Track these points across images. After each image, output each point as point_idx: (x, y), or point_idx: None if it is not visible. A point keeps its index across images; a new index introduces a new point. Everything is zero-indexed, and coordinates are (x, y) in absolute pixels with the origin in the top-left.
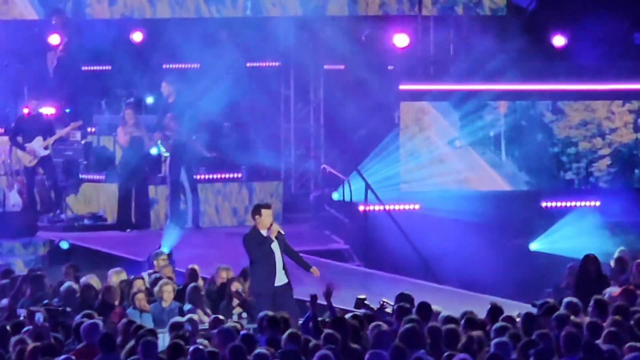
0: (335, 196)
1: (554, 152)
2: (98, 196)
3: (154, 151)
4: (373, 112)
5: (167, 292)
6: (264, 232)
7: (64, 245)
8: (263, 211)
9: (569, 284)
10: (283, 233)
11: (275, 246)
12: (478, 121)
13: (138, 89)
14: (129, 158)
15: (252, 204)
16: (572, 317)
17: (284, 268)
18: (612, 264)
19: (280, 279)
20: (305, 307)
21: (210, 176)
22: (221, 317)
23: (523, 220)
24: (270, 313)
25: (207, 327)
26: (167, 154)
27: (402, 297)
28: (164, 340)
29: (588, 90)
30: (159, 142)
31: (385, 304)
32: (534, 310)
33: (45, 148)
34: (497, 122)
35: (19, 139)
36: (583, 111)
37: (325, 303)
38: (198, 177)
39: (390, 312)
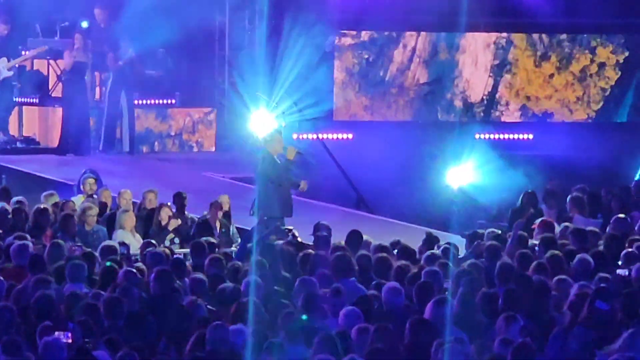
0: None
1: None
2: (31, 119)
3: None
4: (308, 40)
5: (90, 215)
6: (276, 157)
7: None
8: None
9: (500, 213)
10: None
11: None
12: None
13: (73, 14)
14: (72, 83)
15: (183, 130)
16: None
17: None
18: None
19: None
20: None
21: (144, 101)
22: (153, 241)
23: (456, 151)
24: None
25: (137, 251)
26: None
27: (319, 227)
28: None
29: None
30: None
31: (291, 232)
32: (464, 241)
33: (9, 70)
34: None
35: None
36: None
37: None
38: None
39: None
